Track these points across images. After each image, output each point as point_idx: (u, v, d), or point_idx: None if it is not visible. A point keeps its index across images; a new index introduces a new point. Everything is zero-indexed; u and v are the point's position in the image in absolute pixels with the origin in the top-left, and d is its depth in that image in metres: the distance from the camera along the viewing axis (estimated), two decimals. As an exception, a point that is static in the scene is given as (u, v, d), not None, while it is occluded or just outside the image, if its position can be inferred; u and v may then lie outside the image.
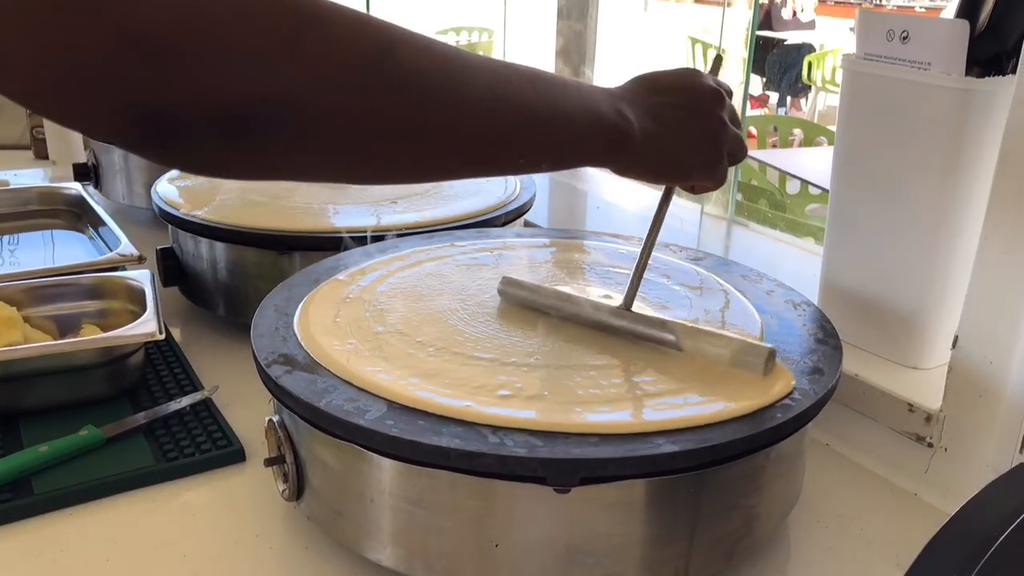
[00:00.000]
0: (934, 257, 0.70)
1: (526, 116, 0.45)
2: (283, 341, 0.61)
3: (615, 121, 0.50)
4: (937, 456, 0.68)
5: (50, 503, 0.64)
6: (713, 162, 0.56)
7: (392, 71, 0.39)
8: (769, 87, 5.69)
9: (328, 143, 0.38)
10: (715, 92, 0.56)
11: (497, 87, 0.43)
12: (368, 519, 0.54)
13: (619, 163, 0.53)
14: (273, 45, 0.35)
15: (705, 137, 0.55)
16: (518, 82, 0.45)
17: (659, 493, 0.51)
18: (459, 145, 0.43)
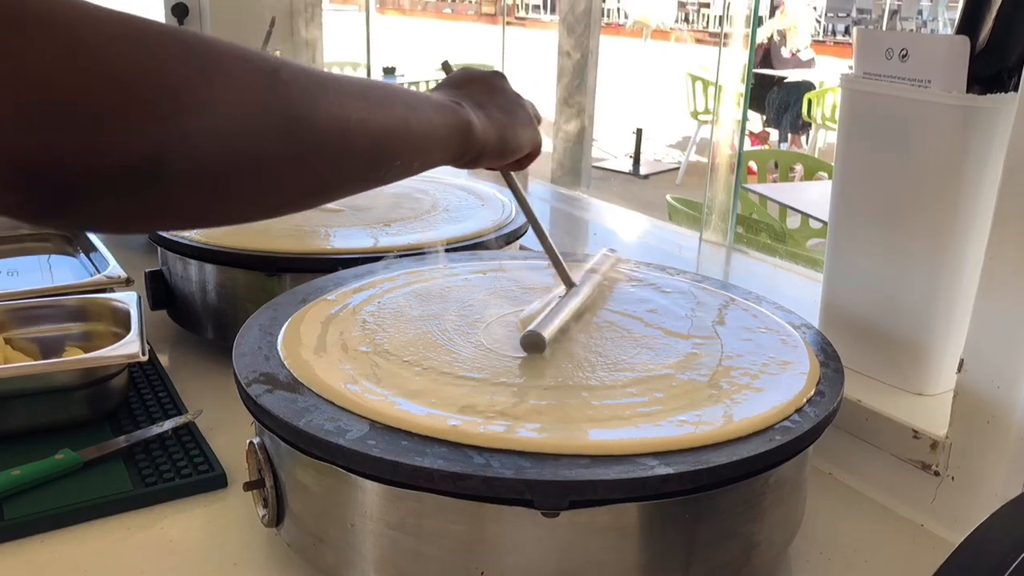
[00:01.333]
0: (937, 278, 0.68)
1: (397, 125, 0.46)
2: (265, 360, 0.59)
3: (462, 115, 0.54)
4: (944, 485, 0.65)
5: (21, 529, 0.61)
6: (531, 126, 0.61)
7: (284, 96, 0.37)
8: (769, 124, 5.72)
9: (237, 183, 0.37)
10: (496, 72, 0.62)
11: (369, 103, 0.44)
12: (349, 545, 0.52)
13: (471, 154, 0.55)
14: (169, 93, 0.33)
15: (514, 107, 0.60)
16: (382, 95, 0.46)
17: (653, 518, 0.48)
18: (352, 161, 0.43)
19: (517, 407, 0.53)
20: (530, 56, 3.41)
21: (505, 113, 0.59)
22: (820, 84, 5.16)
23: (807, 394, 0.56)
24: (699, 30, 11.48)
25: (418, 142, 0.49)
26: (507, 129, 0.58)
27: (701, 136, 5.27)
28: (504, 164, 0.62)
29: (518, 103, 0.61)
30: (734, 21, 1.30)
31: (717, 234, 1.15)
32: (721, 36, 1.39)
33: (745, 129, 1.29)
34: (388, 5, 14.66)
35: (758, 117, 5.73)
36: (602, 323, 0.67)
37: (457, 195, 1.05)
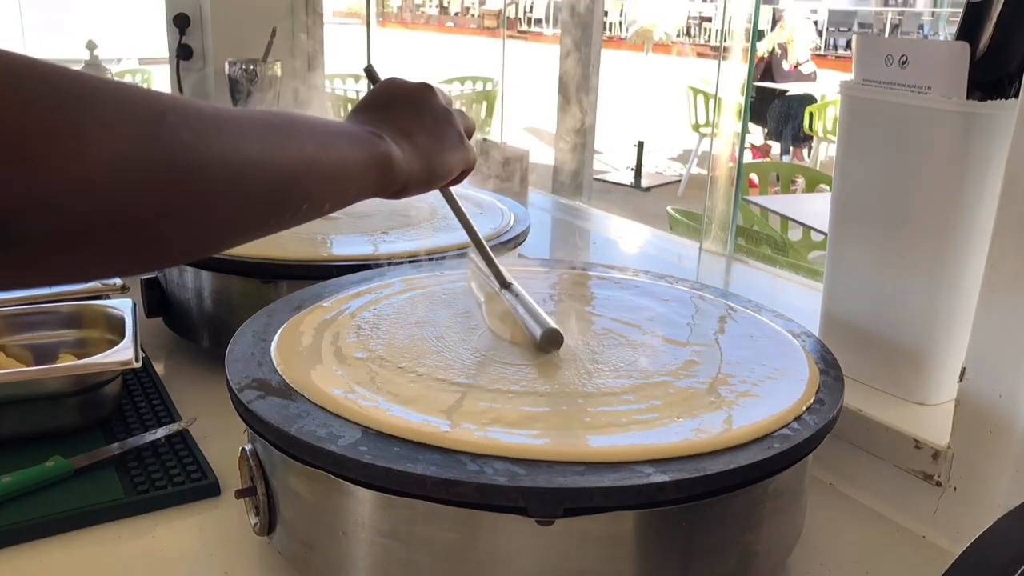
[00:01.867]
0: (938, 286, 0.67)
1: (304, 165, 0.43)
2: (258, 366, 0.58)
3: (381, 149, 0.50)
4: (946, 496, 0.64)
5: (10, 536, 0.61)
6: (461, 146, 0.58)
7: (168, 140, 0.35)
8: (771, 137, 5.73)
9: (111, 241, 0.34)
10: (423, 86, 0.58)
11: (270, 143, 0.41)
12: (340, 553, 0.51)
13: (394, 187, 0.52)
14: (33, 144, 0.30)
15: (442, 127, 0.56)
16: (288, 132, 0.43)
17: (649, 526, 0.48)
18: (249, 208, 0.40)
19: (512, 414, 0.52)
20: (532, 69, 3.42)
21: (432, 137, 0.55)
22: (822, 97, 5.17)
23: (806, 402, 0.55)
24: (701, 44, 11.52)
25: (329, 181, 0.46)
26: (434, 156, 0.55)
27: (703, 149, 5.27)
28: (434, 188, 0.59)
29: (446, 121, 0.57)
30: (734, 35, 1.30)
31: (717, 244, 1.14)
32: (720, 49, 1.39)
33: (745, 140, 1.29)
34: (391, 18, 14.74)
35: (760, 130, 5.74)
36: (600, 330, 0.66)
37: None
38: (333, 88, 4.61)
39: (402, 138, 0.53)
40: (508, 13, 14.62)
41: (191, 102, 0.37)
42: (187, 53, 1.97)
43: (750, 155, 5.43)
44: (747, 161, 4.58)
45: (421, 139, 0.54)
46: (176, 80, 1.95)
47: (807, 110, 5.12)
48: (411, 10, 16.92)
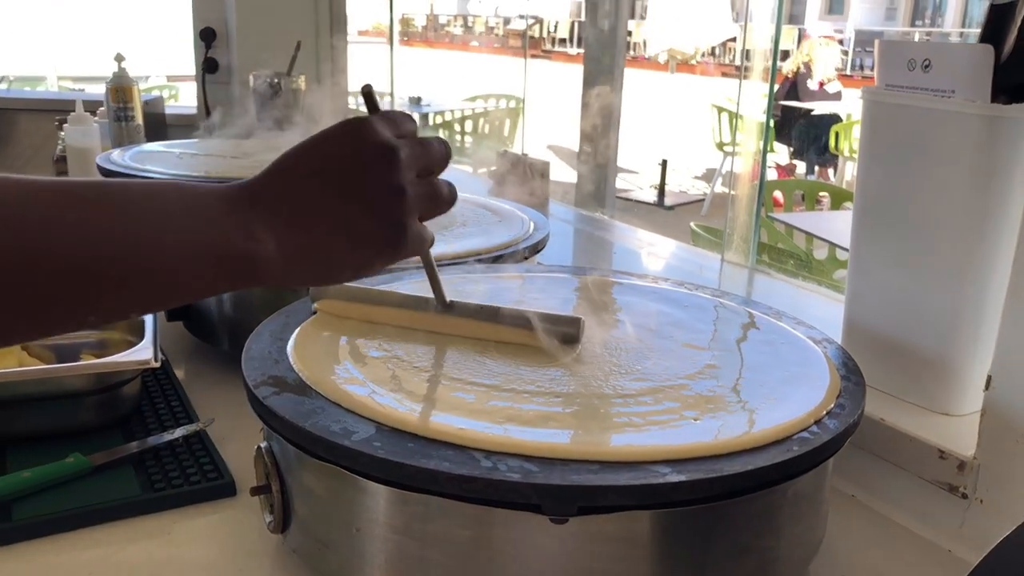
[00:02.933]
0: (963, 293, 0.66)
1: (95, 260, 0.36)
2: (275, 364, 0.59)
3: (237, 246, 0.41)
4: (972, 508, 0.63)
5: (28, 530, 0.61)
6: (394, 242, 0.46)
7: None
8: (796, 157, 5.70)
9: None
10: (379, 149, 0.45)
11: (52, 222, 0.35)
12: (354, 550, 0.51)
13: (259, 286, 0.44)
14: None
15: (375, 219, 0.45)
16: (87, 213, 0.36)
17: (664, 528, 0.47)
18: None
19: (527, 413, 0.52)
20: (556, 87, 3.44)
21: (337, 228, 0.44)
22: (847, 117, 5.14)
23: (827, 406, 0.54)
24: (726, 64, 11.52)
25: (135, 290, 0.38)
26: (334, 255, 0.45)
27: (727, 168, 5.26)
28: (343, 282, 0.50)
29: (383, 207, 0.45)
30: (755, 54, 1.30)
31: (739, 256, 1.13)
32: (741, 68, 1.39)
33: (767, 152, 1.28)
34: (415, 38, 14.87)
35: (785, 150, 5.71)
36: (618, 334, 0.66)
37: (475, 211, 1.04)
38: (357, 104, 4.66)
39: (296, 229, 0.43)
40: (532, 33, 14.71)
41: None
42: (213, 66, 2.00)
43: (775, 175, 5.40)
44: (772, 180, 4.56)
45: (323, 234, 0.44)
46: (202, 93, 1.98)
47: (833, 129, 5.08)
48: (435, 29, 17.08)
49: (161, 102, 2.07)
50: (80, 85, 4.44)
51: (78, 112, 1.46)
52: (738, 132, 1.44)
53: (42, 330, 0.38)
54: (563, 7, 16.66)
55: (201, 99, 1.98)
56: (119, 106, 1.57)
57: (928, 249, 0.68)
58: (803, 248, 2.60)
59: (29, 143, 1.85)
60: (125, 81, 1.57)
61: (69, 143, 1.47)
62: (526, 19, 11.35)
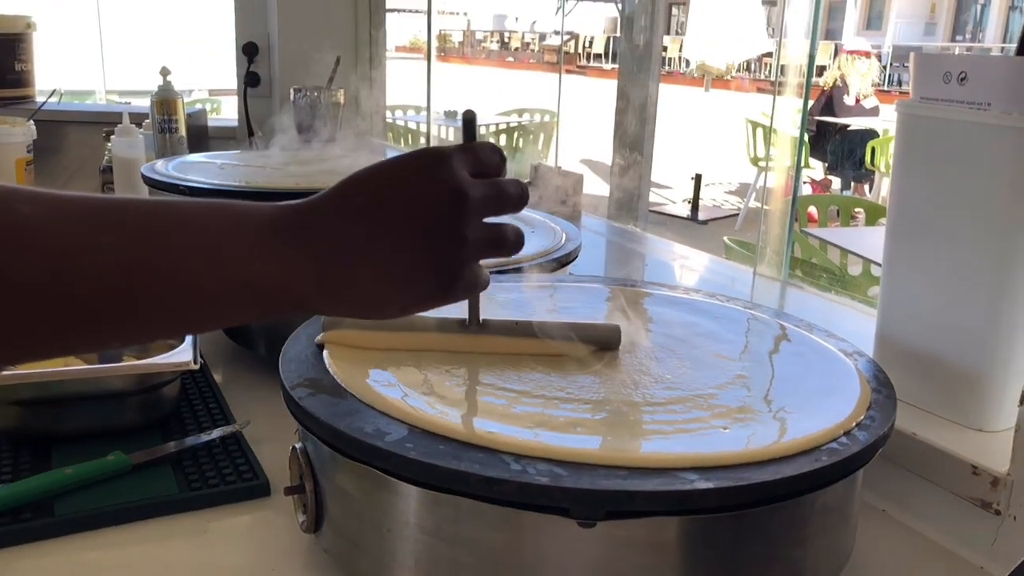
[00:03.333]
0: (999, 308, 0.66)
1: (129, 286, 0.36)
2: (311, 366, 0.60)
3: (275, 281, 0.40)
4: (1005, 525, 0.62)
5: (70, 525, 0.63)
6: (446, 289, 0.45)
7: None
8: (832, 172, 5.65)
9: None
10: (450, 194, 0.42)
11: (87, 247, 0.35)
12: (385, 551, 0.52)
13: (296, 316, 0.44)
14: None
15: (429, 267, 0.43)
16: (124, 238, 0.36)
17: (692, 535, 0.47)
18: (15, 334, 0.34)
19: (557, 419, 0.52)
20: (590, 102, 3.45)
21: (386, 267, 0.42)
22: (884, 132, 5.09)
23: (857, 418, 0.54)
24: (761, 79, 11.46)
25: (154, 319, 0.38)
26: (377, 294, 0.43)
27: (761, 182, 5.23)
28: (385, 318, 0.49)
29: (431, 237, 0.43)
30: (790, 70, 1.31)
31: (772, 269, 1.13)
32: (776, 84, 1.40)
33: (800, 167, 1.28)
34: (452, 54, 15.00)
35: (820, 165, 5.67)
36: (648, 343, 0.66)
37: (508, 222, 1.05)
38: (394, 118, 4.71)
39: (342, 261, 0.42)
40: (568, 49, 14.76)
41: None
42: (254, 80, 2.04)
43: (810, 190, 5.36)
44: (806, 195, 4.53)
45: (368, 273, 0.42)
46: (243, 106, 2.02)
47: (869, 145, 5.04)
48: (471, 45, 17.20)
49: (204, 114, 2.11)
50: (127, 98, 4.55)
51: (124, 124, 1.50)
52: (772, 147, 1.44)
53: (72, 350, 0.38)
54: (598, 23, 16.70)
55: (242, 112, 2.02)
56: (163, 118, 1.61)
57: (963, 262, 0.67)
58: (837, 264, 2.58)
59: (78, 153, 1.90)
60: (170, 94, 1.61)
61: (115, 153, 1.51)
62: (561, 35, 11.39)
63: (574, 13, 15.70)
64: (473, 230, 0.44)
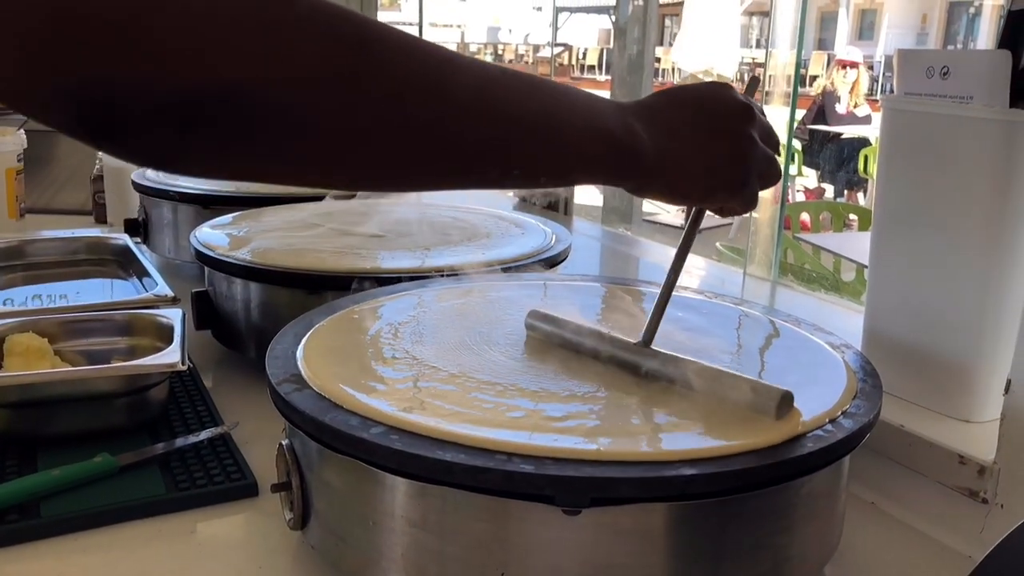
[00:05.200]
0: (984, 299, 0.66)
1: (519, 122, 0.42)
2: (297, 363, 0.60)
3: (622, 137, 0.47)
4: (993, 514, 0.62)
5: (56, 527, 0.62)
6: (738, 183, 0.52)
7: (368, 65, 0.36)
8: (825, 180, 5.67)
9: (291, 141, 0.36)
10: (743, 107, 0.52)
11: (486, 88, 0.41)
12: (370, 544, 0.51)
13: (628, 182, 0.50)
14: (238, 30, 0.33)
15: (730, 156, 0.51)
16: (514, 86, 0.42)
17: (678, 521, 0.47)
18: (441, 147, 0.40)
19: (542, 416, 0.52)
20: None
21: (706, 156, 0.50)
22: (876, 140, 5.11)
23: (843, 406, 0.54)
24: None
25: (549, 152, 0.44)
26: (692, 176, 0.50)
27: (755, 191, 5.23)
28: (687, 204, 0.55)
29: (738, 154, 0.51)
30: (778, 79, 1.32)
31: (762, 269, 1.13)
32: (763, 93, 1.41)
33: (788, 175, 1.29)
34: (447, 66, 15.02)
35: (814, 173, 5.69)
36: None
37: (499, 224, 1.06)
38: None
39: (666, 137, 0.49)
40: (561, 60, 14.82)
41: (409, 38, 0.38)
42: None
43: (803, 198, 5.37)
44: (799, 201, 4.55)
45: (687, 152, 0.50)
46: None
47: (862, 153, 5.06)
48: (466, 58, 17.25)
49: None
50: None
51: (114, 132, 1.50)
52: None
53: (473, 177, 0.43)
54: (592, 34, 16.78)
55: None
56: (154, 126, 1.60)
57: (948, 255, 0.68)
58: (830, 269, 2.58)
59: (67, 163, 1.90)
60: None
61: (106, 162, 1.51)
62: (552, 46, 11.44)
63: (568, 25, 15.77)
64: (758, 147, 0.52)
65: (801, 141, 5.37)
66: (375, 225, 1.01)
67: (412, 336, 0.65)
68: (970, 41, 12.80)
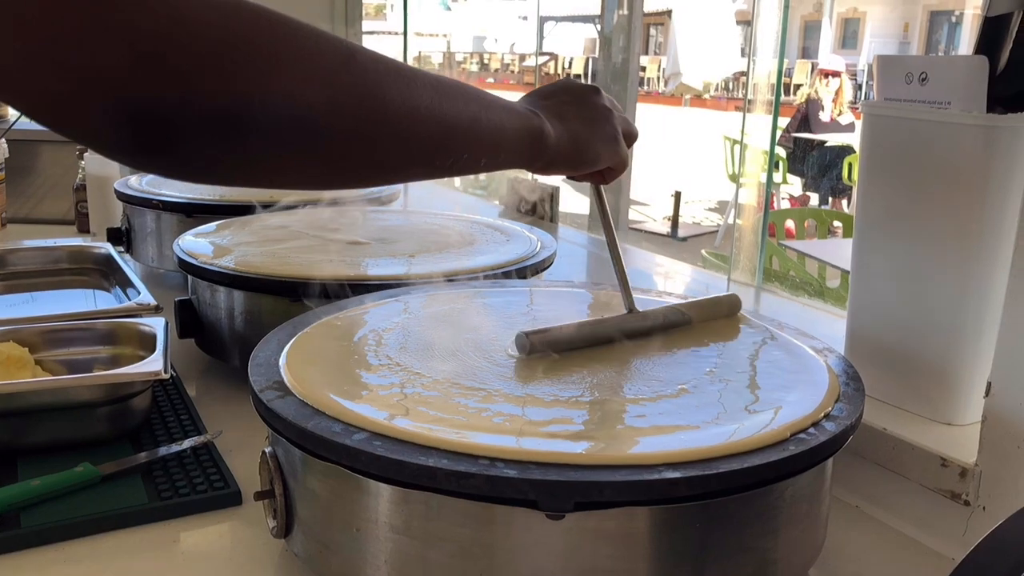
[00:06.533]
0: (964, 302, 0.66)
1: (467, 120, 0.49)
2: (280, 370, 0.60)
3: (535, 122, 0.56)
4: (975, 516, 0.63)
5: (36, 537, 0.62)
6: (614, 141, 0.62)
7: (357, 74, 0.42)
8: (810, 188, 5.70)
9: (309, 143, 0.41)
10: (593, 89, 0.63)
11: (439, 95, 0.47)
12: (354, 551, 0.51)
13: (542, 160, 0.58)
14: (257, 49, 0.38)
15: (599, 120, 0.61)
16: (455, 91, 0.49)
17: (662, 524, 0.47)
18: (413, 145, 0.47)
19: (525, 420, 0.52)
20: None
21: (586, 126, 0.60)
22: (859, 148, 5.15)
23: (825, 409, 0.54)
24: (738, 98, 11.59)
25: (487, 139, 0.52)
26: (583, 142, 0.60)
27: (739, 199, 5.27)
28: (580, 174, 0.64)
29: (604, 117, 0.62)
30: (760, 88, 1.33)
31: (746, 275, 1.14)
32: (745, 101, 1.42)
33: (771, 183, 1.30)
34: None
35: (799, 181, 5.72)
36: (617, 343, 0.66)
37: (484, 231, 1.06)
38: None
39: (556, 119, 0.58)
40: (547, 69, 14.87)
41: (373, 51, 0.44)
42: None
43: (788, 206, 5.40)
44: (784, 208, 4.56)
45: (574, 124, 0.59)
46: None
47: (846, 160, 5.09)
48: (451, 67, 17.30)
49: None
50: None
51: (97, 141, 1.49)
52: (745, 163, 1.46)
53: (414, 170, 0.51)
54: (578, 44, 16.84)
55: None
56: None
57: (928, 259, 0.68)
58: (815, 276, 2.59)
59: (51, 172, 1.89)
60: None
61: (89, 171, 1.50)
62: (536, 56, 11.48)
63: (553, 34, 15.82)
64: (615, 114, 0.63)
65: (786, 149, 5.40)
66: (359, 233, 1.01)
67: (396, 343, 0.65)
68: (951, 49, 12.92)
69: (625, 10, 2.40)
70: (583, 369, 0.61)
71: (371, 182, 0.49)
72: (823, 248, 2.74)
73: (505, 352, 0.64)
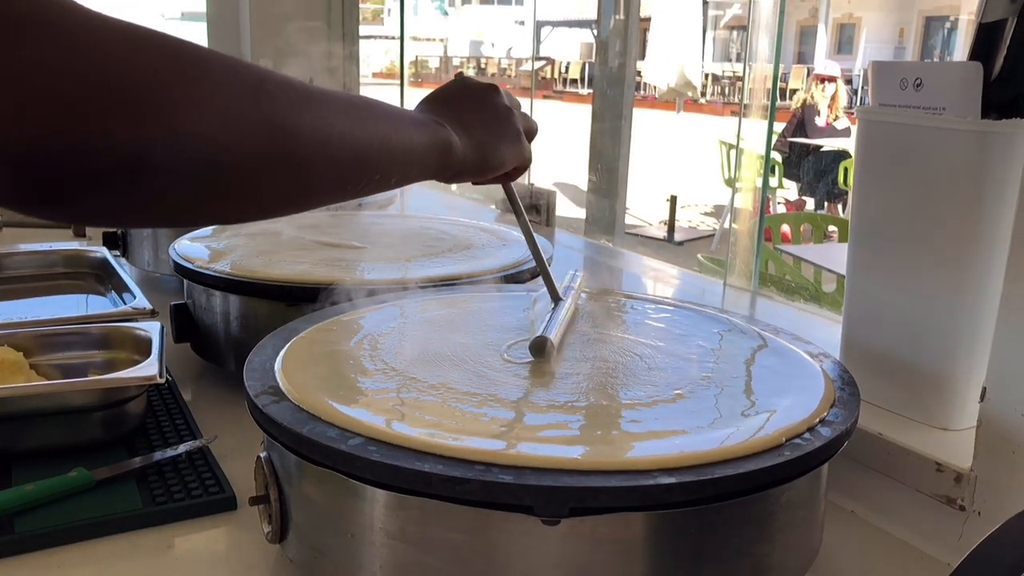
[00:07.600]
0: (959, 307, 0.67)
1: (378, 141, 0.49)
2: (275, 375, 0.59)
3: (442, 135, 0.56)
4: (971, 521, 0.63)
5: (30, 543, 0.62)
6: (517, 143, 0.63)
7: (266, 105, 0.40)
8: (805, 193, 5.71)
9: (220, 184, 0.39)
10: (491, 87, 0.63)
11: (351, 119, 0.46)
12: (349, 556, 0.51)
13: (450, 171, 0.58)
14: (157, 95, 0.34)
15: (501, 123, 0.62)
16: (365, 112, 0.48)
17: (657, 530, 0.47)
18: (325, 174, 0.45)
19: (520, 426, 0.52)
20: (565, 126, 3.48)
21: (489, 132, 0.60)
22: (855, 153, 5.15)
23: (820, 414, 0.55)
24: (734, 103, 11.61)
25: (398, 158, 0.51)
26: (488, 148, 0.60)
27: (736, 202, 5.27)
28: (488, 180, 0.64)
29: (506, 119, 0.62)
30: (756, 93, 1.33)
31: (742, 280, 1.14)
32: (741, 105, 1.42)
33: (767, 187, 1.30)
34: (428, 80, 15.08)
35: (794, 186, 5.73)
36: (613, 348, 0.66)
37: (481, 236, 1.06)
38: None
39: (460, 129, 0.58)
40: (544, 74, 14.89)
41: (285, 76, 0.42)
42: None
43: (784, 210, 5.41)
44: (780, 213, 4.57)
45: (478, 132, 0.59)
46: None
47: (842, 165, 5.10)
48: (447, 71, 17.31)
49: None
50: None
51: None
52: (741, 168, 1.47)
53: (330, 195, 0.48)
54: (574, 49, 16.87)
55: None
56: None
57: (923, 264, 0.68)
58: (811, 281, 2.60)
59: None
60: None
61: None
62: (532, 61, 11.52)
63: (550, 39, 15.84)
64: (514, 111, 0.63)
65: (782, 154, 5.41)
66: (356, 237, 1.01)
67: (392, 347, 0.65)
68: (946, 55, 12.97)
69: (621, 15, 2.41)
70: (578, 374, 0.61)
71: (279, 214, 0.47)
72: (819, 252, 2.75)
73: (501, 357, 0.64)
